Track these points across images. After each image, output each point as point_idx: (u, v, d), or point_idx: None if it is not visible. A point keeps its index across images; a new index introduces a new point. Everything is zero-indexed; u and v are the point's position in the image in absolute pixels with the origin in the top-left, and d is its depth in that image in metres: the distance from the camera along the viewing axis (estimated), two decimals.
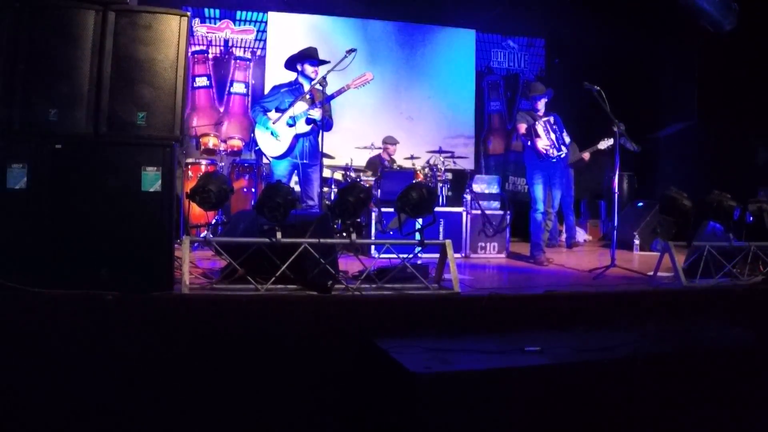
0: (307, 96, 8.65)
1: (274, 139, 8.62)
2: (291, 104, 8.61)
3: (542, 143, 9.40)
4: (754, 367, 5.49)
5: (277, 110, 8.66)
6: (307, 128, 8.60)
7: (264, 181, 10.52)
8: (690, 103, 14.27)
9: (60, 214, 5.49)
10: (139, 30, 5.71)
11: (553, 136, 9.40)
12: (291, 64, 9.08)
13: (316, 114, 8.47)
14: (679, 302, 6.81)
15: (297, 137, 8.63)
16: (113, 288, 5.32)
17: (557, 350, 5.08)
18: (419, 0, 14.47)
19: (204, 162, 10.75)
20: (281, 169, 8.75)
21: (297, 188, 8.88)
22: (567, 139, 9.66)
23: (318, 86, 8.49)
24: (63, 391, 4.93)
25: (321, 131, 8.46)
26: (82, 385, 4.96)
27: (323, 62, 8.89)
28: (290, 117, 8.59)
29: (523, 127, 9.74)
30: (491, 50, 15.76)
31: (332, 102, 8.81)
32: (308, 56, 8.90)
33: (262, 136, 8.74)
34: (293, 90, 8.82)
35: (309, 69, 8.83)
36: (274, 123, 8.61)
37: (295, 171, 8.80)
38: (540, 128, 9.41)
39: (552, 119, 9.52)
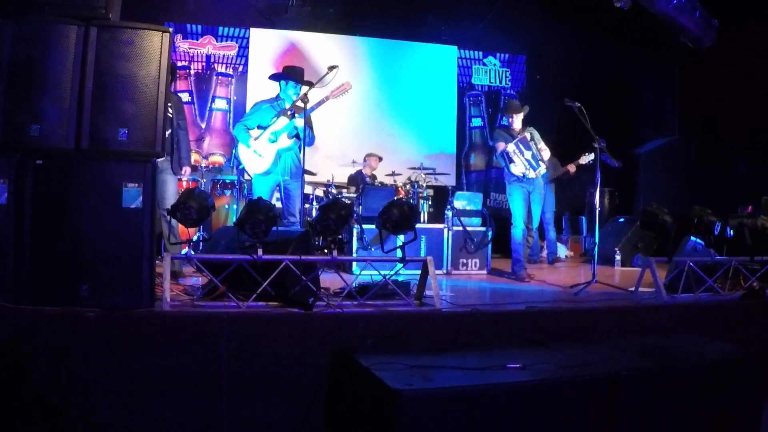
0: (288, 112, 8.63)
1: (257, 155, 8.61)
2: (272, 120, 8.61)
3: (517, 169, 9.43)
4: (736, 381, 5.51)
5: (259, 127, 8.64)
6: (288, 143, 8.59)
7: (245, 198, 10.50)
8: (671, 119, 14.37)
9: (41, 230, 5.46)
10: (121, 46, 5.69)
11: (528, 154, 9.39)
12: (276, 76, 9.09)
13: (299, 123, 8.46)
14: (660, 317, 6.83)
15: (279, 153, 8.62)
16: (94, 305, 5.30)
17: (539, 367, 5.08)
18: (401, 16, 14.51)
19: (185, 178, 10.73)
20: (263, 185, 8.74)
21: (278, 205, 8.87)
22: (546, 154, 9.67)
23: (300, 103, 8.48)
24: (43, 408, 4.90)
25: (302, 147, 8.44)
26: (63, 402, 4.93)
27: (307, 83, 8.88)
28: (272, 133, 8.58)
29: (500, 147, 9.75)
30: (473, 66, 15.81)
31: (314, 118, 8.80)
32: (293, 75, 8.91)
33: (244, 153, 8.73)
34: (275, 106, 8.82)
35: (291, 90, 8.83)
36: (255, 139, 8.59)
37: (277, 187, 8.80)
38: (513, 152, 9.39)
39: (528, 135, 9.51)
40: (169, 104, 7.90)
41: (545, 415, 4.77)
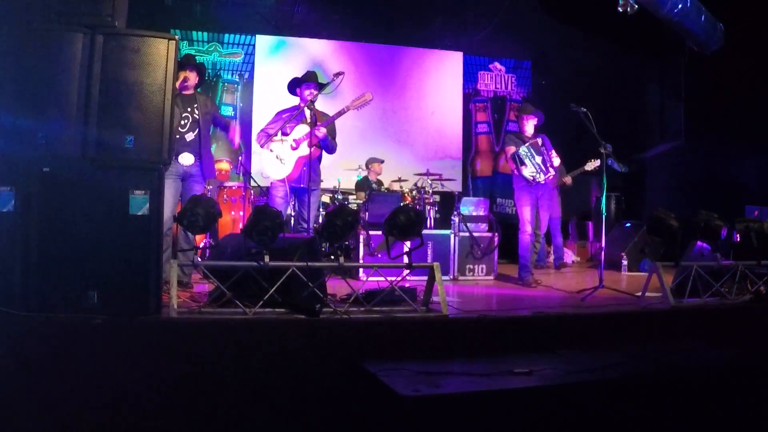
0: (309, 119, 8.64)
1: (279, 162, 8.62)
2: (293, 128, 8.63)
3: (528, 171, 9.36)
4: (743, 386, 5.50)
5: (283, 134, 8.66)
6: (309, 151, 8.59)
7: (252, 205, 10.51)
8: (677, 124, 14.32)
9: (47, 238, 5.48)
10: (127, 53, 5.71)
11: (539, 159, 9.36)
12: (292, 88, 9.09)
13: (321, 133, 8.47)
14: (667, 322, 6.83)
15: (300, 160, 8.63)
16: (101, 312, 5.32)
17: (546, 372, 5.08)
18: (407, 22, 14.50)
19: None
20: (280, 190, 8.74)
21: (290, 212, 8.93)
22: (556, 161, 9.65)
23: (306, 110, 8.49)
24: (50, 416, 4.90)
25: (321, 154, 8.45)
26: (70, 409, 4.93)
27: (321, 85, 8.89)
28: (294, 140, 8.60)
29: (510, 150, 9.68)
30: (478, 72, 15.80)
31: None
32: (306, 80, 8.92)
33: (266, 159, 8.72)
34: (295, 115, 8.83)
35: (307, 92, 8.82)
36: (277, 146, 8.61)
37: (293, 193, 8.81)
38: (524, 155, 9.36)
39: (539, 141, 9.49)
40: (195, 105, 7.91)
41: (553, 420, 4.77)
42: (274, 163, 8.69)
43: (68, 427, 4.91)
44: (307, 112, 8.67)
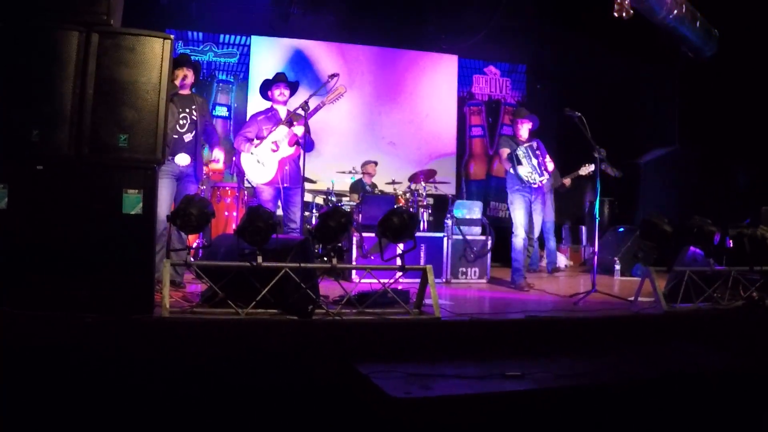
0: (285, 120, 8.65)
1: (260, 165, 8.61)
2: (270, 130, 8.63)
3: (524, 170, 9.34)
4: (735, 391, 5.50)
5: (258, 138, 8.67)
6: (291, 150, 8.59)
7: (245, 205, 10.50)
8: (671, 129, 14.33)
9: (40, 235, 5.47)
10: (122, 52, 5.71)
11: (535, 161, 9.35)
12: (263, 93, 9.12)
13: (299, 130, 8.48)
14: (660, 327, 6.83)
15: (282, 161, 8.63)
16: (93, 310, 5.30)
17: (538, 375, 5.07)
18: (402, 25, 14.50)
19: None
20: (266, 193, 8.75)
21: (280, 212, 8.90)
22: (551, 166, 9.64)
23: (300, 111, 8.49)
24: (40, 414, 4.89)
25: (303, 154, 8.45)
26: (60, 408, 4.92)
27: (292, 83, 8.94)
28: (272, 142, 8.59)
29: (505, 152, 9.65)
30: (473, 76, 15.80)
31: (315, 127, 8.80)
32: (275, 81, 8.95)
33: (248, 164, 8.72)
34: (270, 117, 8.84)
35: (277, 92, 8.87)
36: (258, 150, 8.60)
37: (279, 195, 8.80)
38: (522, 155, 9.35)
39: (535, 144, 9.48)
40: (194, 106, 7.92)
41: (544, 424, 4.76)
42: (255, 168, 8.70)
43: (59, 426, 4.89)
44: (282, 111, 8.69)
